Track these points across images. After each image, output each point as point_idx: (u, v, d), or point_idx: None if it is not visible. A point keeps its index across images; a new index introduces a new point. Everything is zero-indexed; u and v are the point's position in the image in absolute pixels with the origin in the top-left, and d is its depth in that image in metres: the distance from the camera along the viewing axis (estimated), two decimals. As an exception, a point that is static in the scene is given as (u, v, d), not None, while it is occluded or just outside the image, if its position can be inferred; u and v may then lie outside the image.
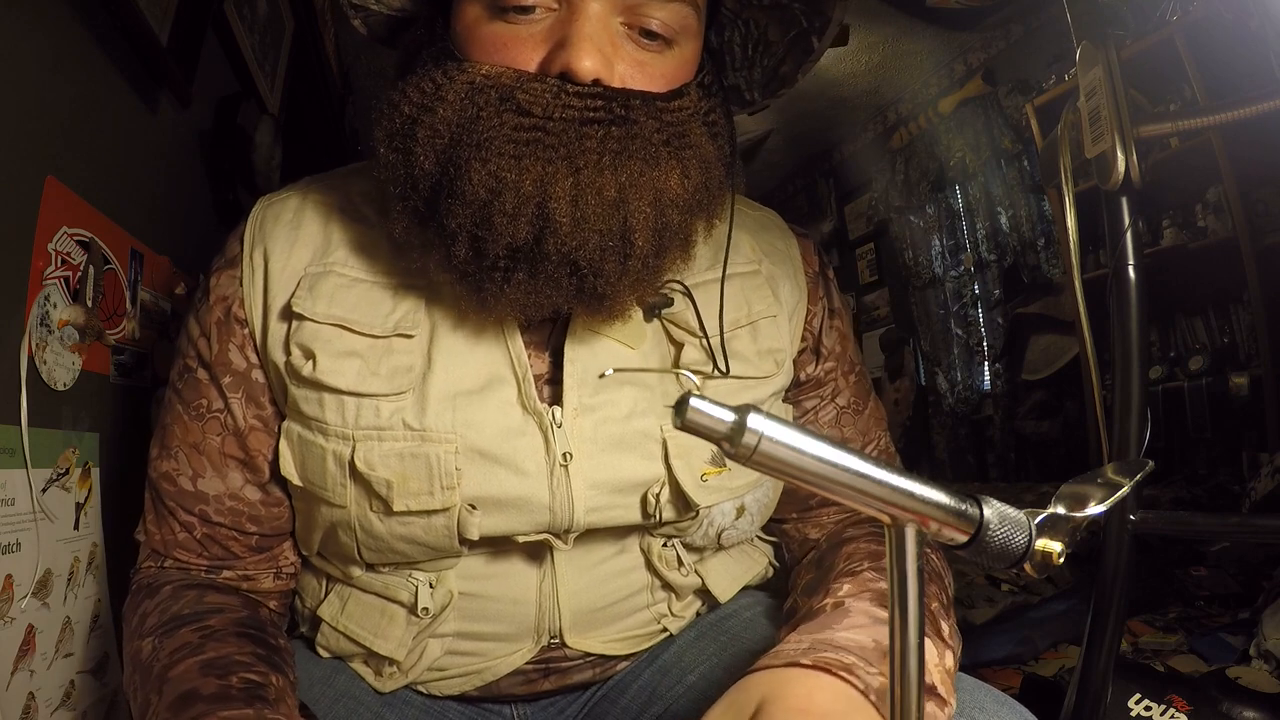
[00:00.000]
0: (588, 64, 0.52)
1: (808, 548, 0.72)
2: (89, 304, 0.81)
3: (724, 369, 0.63)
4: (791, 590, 0.67)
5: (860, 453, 0.25)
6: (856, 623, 0.51)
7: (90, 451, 0.81)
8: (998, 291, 3.55)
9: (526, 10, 0.54)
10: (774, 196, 5.06)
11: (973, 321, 3.75)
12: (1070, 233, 1.00)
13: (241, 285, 0.62)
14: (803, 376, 0.72)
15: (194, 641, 0.55)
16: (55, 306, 0.75)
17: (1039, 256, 3.27)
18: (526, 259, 0.53)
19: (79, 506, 0.77)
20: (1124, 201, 0.91)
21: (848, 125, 4.23)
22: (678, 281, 0.63)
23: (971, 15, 3.04)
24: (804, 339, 0.72)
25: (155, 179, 1.04)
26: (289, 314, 0.60)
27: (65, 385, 0.76)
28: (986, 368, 3.68)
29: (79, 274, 0.79)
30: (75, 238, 0.79)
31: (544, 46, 0.54)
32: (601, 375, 0.61)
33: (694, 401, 0.24)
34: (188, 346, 0.65)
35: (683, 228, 0.57)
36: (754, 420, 0.24)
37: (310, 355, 0.58)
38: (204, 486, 0.63)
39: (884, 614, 0.52)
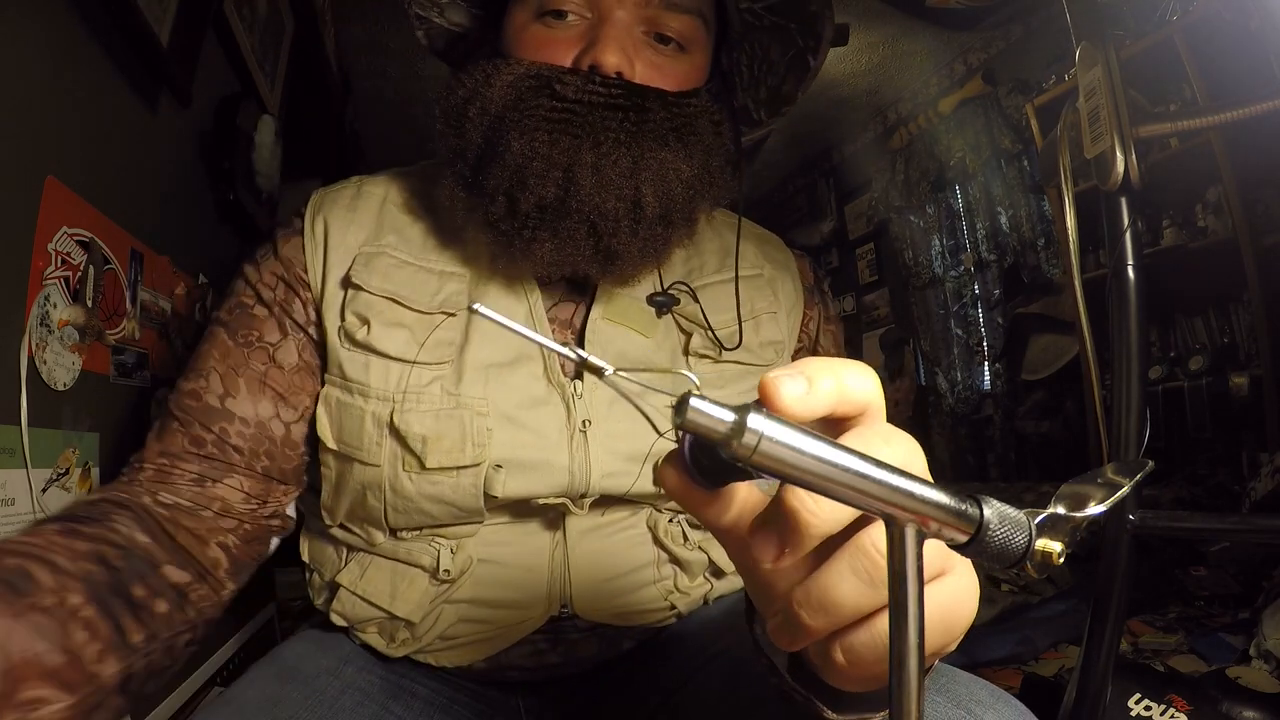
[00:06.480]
0: (612, 59, 0.63)
1: None
2: (89, 304, 0.81)
3: (729, 346, 0.71)
4: None
5: (860, 453, 0.25)
6: None
7: (90, 451, 0.81)
8: (998, 291, 3.54)
9: (562, 15, 0.65)
10: (774, 196, 5.05)
11: (973, 321, 3.75)
12: (1070, 233, 1.00)
13: (304, 252, 0.69)
14: None
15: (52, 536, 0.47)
16: (55, 306, 0.75)
17: (1039, 256, 3.27)
18: (552, 216, 0.62)
19: (79, 506, 0.77)
20: (1123, 202, 0.91)
21: (848, 125, 4.23)
22: (683, 283, 0.73)
23: (971, 15, 3.04)
24: (800, 340, 0.79)
25: (155, 179, 1.04)
26: (347, 283, 0.67)
27: (65, 385, 0.76)
28: (986, 368, 3.68)
29: (79, 274, 0.79)
30: (75, 238, 0.79)
31: (577, 46, 0.65)
32: (602, 375, 0.61)
33: (694, 401, 0.24)
34: (245, 288, 0.69)
35: (686, 203, 0.66)
36: (754, 420, 0.24)
37: (365, 321, 0.65)
38: (232, 406, 0.65)
39: None
